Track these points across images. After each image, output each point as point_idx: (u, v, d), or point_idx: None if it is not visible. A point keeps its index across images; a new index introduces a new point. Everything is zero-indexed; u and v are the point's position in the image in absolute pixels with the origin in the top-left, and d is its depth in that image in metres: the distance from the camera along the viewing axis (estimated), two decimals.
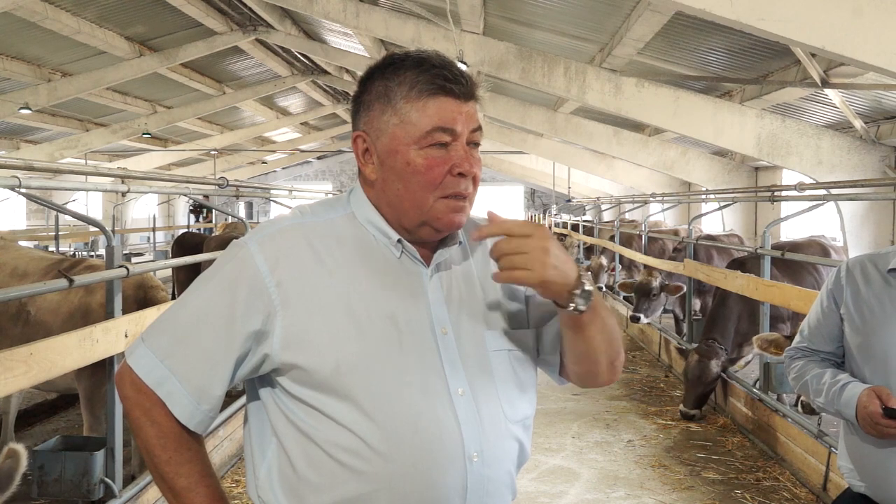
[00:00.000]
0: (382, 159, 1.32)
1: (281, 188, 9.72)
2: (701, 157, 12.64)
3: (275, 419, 1.32)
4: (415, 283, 1.33)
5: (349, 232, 1.35)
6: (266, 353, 1.28)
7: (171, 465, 1.31)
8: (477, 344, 1.35)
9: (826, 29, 4.84)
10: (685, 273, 7.86)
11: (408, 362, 1.28)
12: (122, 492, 3.77)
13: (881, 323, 2.01)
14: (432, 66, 1.30)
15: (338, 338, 1.27)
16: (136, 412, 1.31)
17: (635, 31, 7.82)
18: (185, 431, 1.31)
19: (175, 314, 1.33)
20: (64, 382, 4.34)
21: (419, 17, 9.69)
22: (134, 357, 1.32)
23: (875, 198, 6.41)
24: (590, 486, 4.69)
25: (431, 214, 1.30)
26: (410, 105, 1.29)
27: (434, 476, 1.27)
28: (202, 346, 1.29)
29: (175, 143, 23.50)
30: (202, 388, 1.29)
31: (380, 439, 1.25)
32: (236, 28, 13.35)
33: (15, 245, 6.00)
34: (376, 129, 1.32)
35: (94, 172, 5.91)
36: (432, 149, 1.29)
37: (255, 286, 1.28)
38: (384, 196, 1.34)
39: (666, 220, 15.04)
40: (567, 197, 21.68)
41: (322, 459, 1.27)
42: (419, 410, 1.27)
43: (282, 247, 1.30)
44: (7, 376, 2.80)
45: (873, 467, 1.97)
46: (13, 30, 11.17)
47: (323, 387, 1.26)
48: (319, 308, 1.27)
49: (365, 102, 1.34)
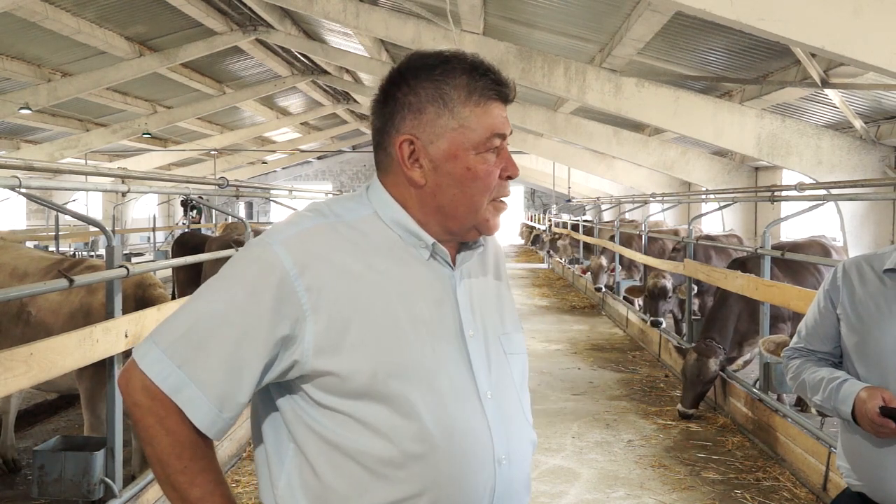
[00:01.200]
0: (437, 164, 1.29)
1: (281, 188, 9.72)
2: (701, 157, 12.65)
3: (294, 427, 1.28)
4: (445, 286, 1.32)
5: (375, 233, 1.30)
6: (295, 360, 1.23)
7: (186, 474, 1.25)
8: (497, 347, 1.35)
9: (826, 29, 4.84)
10: (685, 273, 7.87)
11: (441, 366, 1.27)
12: (122, 492, 3.77)
13: (877, 323, 2.01)
14: (487, 71, 1.30)
15: (374, 343, 1.23)
16: (149, 420, 1.24)
17: (635, 31, 7.82)
18: (201, 439, 1.25)
19: (191, 316, 1.25)
20: (65, 382, 4.34)
21: (419, 17, 9.70)
22: (147, 361, 1.24)
23: (875, 198, 6.41)
24: (590, 486, 4.69)
25: (482, 218, 1.31)
26: (469, 110, 1.28)
27: (467, 480, 1.26)
28: (224, 352, 1.22)
29: (175, 143, 23.51)
30: (225, 396, 1.23)
31: (416, 445, 1.23)
32: (236, 28, 13.36)
33: (15, 245, 6.01)
34: (430, 133, 1.29)
35: (94, 172, 5.91)
36: (488, 154, 1.29)
37: (284, 290, 1.22)
38: (433, 200, 1.30)
39: (666, 220, 15.04)
40: (567, 197, 21.70)
41: (350, 468, 1.24)
42: (454, 415, 1.25)
43: (310, 249, 1.25)
44: (7, 376, 2.80)
45: (871, 467, 1.98)
46: (13, 30, 11.18)
47: (357, 394, 1.23)
48: (354, 313, 1.23)
49: (412, 104, 1.29)
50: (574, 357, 8.60)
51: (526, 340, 1.50)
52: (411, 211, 1.31)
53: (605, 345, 9.44)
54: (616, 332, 10.45)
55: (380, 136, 1.33)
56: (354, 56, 14.90)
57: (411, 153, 1.29)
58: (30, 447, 4.84)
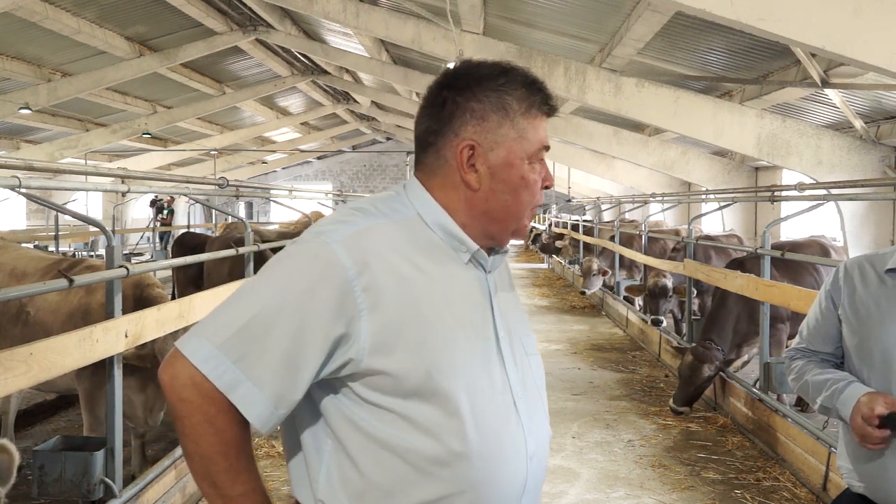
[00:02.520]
0: (494, 171, 1.34)
1: (281, 188, 9.72)
2: (701, 157, 12.65)
3: (335, 423, 1.29)
4: (481, 288, 1.37)
5: (420, 235, 1.33)
6: (350, 358, 1.25)
7: (231, 472, 1.25)
8: (520, 348, 1.41)
9: (826, 29, 4.84)
10: (685, 273, 7.86)
11: (482, 366, 1.31)
12: (122, 492, 3.77)
13: (878, 323, 2.01)
14: (541, 87, 1.37)
15: (426, 344, 1.26)
16: (197, 417, 1.22)
17: (635, 31, 7.82)
18: (246, 437, 1.26)
19: (247, 312, 1.23)
20: (64, 382, 4.34)
21: (419, 17, 9.70)
22: (200, 357, 1.21)
23: (875, 198, 6.41)
24: (590, 486, 4.69)
25: (522, 224, 1.38)
26: (527, 122, 1.35)
27: (505, 476, 1.31)
28: (282, 349, 1.22)
29: (175, 143, 23.51)
30: (282, 393, 1.23)
31: (461, 443, 1.26)
32: (236, 28, 13.36)
33: (14, 245, 6.01)
34: (491, 141, 1.33)
35: (94, 172, 5.91)
36: (536, 164, 1.37)
37: (342, 288, 1.23)
38: (484, 205, 1.35)
39: (666, 220, 15.04)
40: (567, 197, 21.69)
41: (395, 464, 1.25)
42: (494, 414, 1.30)
43: (367, 249, 1.26)
44: (7, 376, 2.80)
45: (872, 468, 1.97)
46: (13, 30, 11.18)
47: (408, 392, 1.25)
48: (407, 313, 1.25)
49: (475, 111, 1.33)
50: (574, 357, 8.60)
51: None
52: (456, 214, 1.35)
53: (605, 345, 9.44)
54: (616, 332, 10.45)
55: (433, 138, 1.36)
56: (354, 56, 14.90)
57: (469, 157, 1.33)
58: (30, 447, 4.83)
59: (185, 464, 4.35)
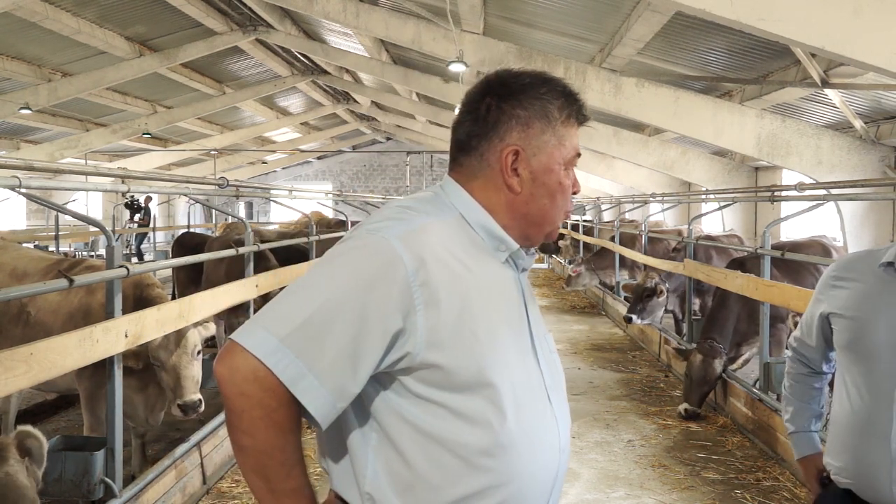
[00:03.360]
0: (535, 175, 1.40)
1: (281, 188, 9.71)
2: (701, 157, 12.64)
3: (382, 417, 1.31)
4: (517, 287, 1.43)
5: (464, 234, 1.39)
6: (408, 352, 1.27)
7: (286, 466, 1.26)
8: (545, 345, 1.47)
9: (826, 29, 4.84)
10: (685, 273, 7.86)
11: (521, 361, 1.37)
12: (122, 492, 3.77)
13: (870, 318, 2.00)
14: (578, 97, 1.45)
15: (478, 339, 1.30)
16: (257, 412, 1.22)
17: (635, 31, 7.82)
18: (299, 432, 1.28)
19: (309, 305, 1.25)
20: (64, 382, 4.34)
21: (419, 17, 9.70)
22: (264, 350, 1.22)
23: (875, 198, 6.41)
24: (590, 486, 4.69)
25: (555, 227, 1.45)
26: (566, 130, 1.42)
27: (540, 469, 1.36)
28: (343, 343, 1.24)
29: (175, 143, 23.50)
30: (342, 387, 1.25)
31: (506, 435, 1.30)
32: (236, 28, 13.35)
33: (15, 245, 6.01)
34: (534, 147, 1.40)
35: (94, 172, 5.90)
36: (570, 170, 1.45)
37: (401, 284, 1.26)
38: (524, 207, 1.41)
39: (666, 220, 15.04)
40: None
41: (444, 458, 1.29)
42: (535, 407, 1.37)
43: (424, 246, 1.30)
44: (7, 376, 2.80)
45: (860, 464, 1.96)
46: (13, 30, 11.18)
47: (460, 386, 1.29)
48: (460, 309, 1.29)
49: (521, 118, 1.39)
50: (574, 357, 8.60)
51: None
52: (497, 216, 1.41)
53: (605, 345, 9.44)
54: (616, 332, 10.45)
55: (476, 142, 1.42)
56: (354, 56, 14.89)
57: (513, 162, 1.40)
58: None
59: (185, 463, 4.36)
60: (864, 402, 1.97)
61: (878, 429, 1.92)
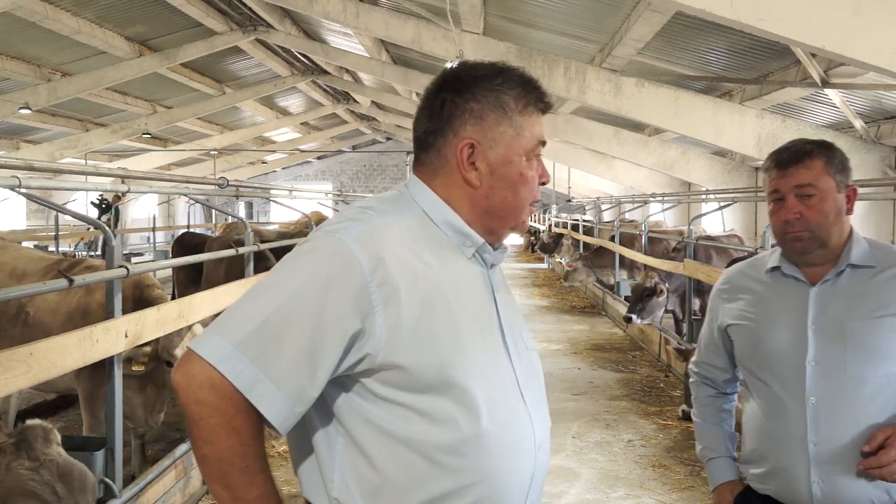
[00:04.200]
0: (494, 168, 1.37)
1: (281, 188, 9.71)
2: (701, 157, 12.64)
3: (347, 420, 1.29)
4: (485, 283, 1.40)
5: (428, 231, 1.36)
6: (367, 353, 1.25)
7: (247, 474, 1.24)
8: (521, 342, 1.43)
9: (826, 29, 4.84)
10: (685, 273, 7.86)
11: (491, 359, 1.34)
12: (122, 492, 3.77)
13: (768, 327, 1.97)
14: (537, 85, 1.40)
15: (440, 338, 1.27)
16: (214, 419, 1.20)
17: (635, 31, 7.82)
18: (261, 438, 1.25)
19: (263, 309, 1.23)
20: (63, 383, 4.34)
21: (419, 17, 9.70)
22: (218, 356, 1.20)
23: (875, 198, 6.42)
24: (590, 486, 4.69)
25: (521, 220, 1.41)
26: (524, 119, 1.38)
27: (513, 469, 1.33)
28: (300, 347, 1.22)
29: (175, 143, 23.50)
30: (300, 391, 1.23)
31: (475, 437, 1.28)
32: (236, 28, 13.36)
33: (14, 245, 6.01)
34: (490, 139, 1.36)
35: (94, 172, 5.92)
36: (533, 161, 1.40)
37: (358, 285, 1.24)
38: (485, 202, 1.38)
39: (666, 220, 15.04)
40: (567, 197, 21.68)
41: (410, 458, 1.26)
42: (505, 406, 1.33)
43: (381, 246, 1.27)
44: (7, 376, 2.80)
45: (779, 469, 1.93)
46: (13, 30, 11.17)
47: (423, 387, 1.26)
48: (421, 308, 1.27)
49: (475, 110, 1.36)
50: (574, 357, 8.60)
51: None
52: (460, 211, 1.38)
53: (605, 345, 9.44)
54: (616, 332, 10.44)
55: (433, 138, 1.39)
56: (354, 56, 14.90)
57: (470, 156, 1.37)
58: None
59: (185, 464, 4.36)
60: (776, 408, 1.94)
61: (794, 433, 1.89)
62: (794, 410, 1.90)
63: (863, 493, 1.84)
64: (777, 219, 1.93)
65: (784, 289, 1.99)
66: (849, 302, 1.91)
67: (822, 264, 1.95)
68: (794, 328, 1.93)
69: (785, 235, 1.92)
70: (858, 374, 1.86)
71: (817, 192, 1.89)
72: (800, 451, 1.89)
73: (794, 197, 1.90)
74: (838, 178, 1.92)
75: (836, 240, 1.93)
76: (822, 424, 1.86)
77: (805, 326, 1.92)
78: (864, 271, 1.93)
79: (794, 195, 1.90)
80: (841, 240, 1.94)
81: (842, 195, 1.92)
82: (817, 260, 1.95)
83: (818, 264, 1.95)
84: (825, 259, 1.94)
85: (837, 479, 1.85)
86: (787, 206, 1.90)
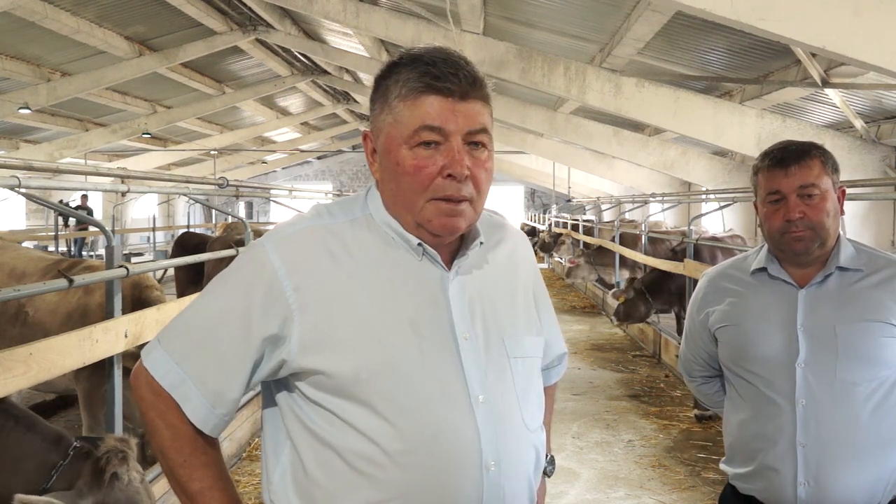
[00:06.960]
0: (381, 159, 1.31)
1: (281, 188, 9.72)
2: (701, 157, 12.63)
3: (290, 423, 1.29)
4: (436, 287, 1.29)
5: (368, 234, 1.30)
6: (283, 359, 1.25)
7: (186, 468, 1.30)
8: (498, 350, 1.32)
9: (826, 29, 4.84)
10: (685, 273, 7.86)
11: (428, 368, 1.24)
12: None
13: (756, 329, 1.95)
14: (423, 64, 1.24)
15: (358, 344, 1.23)
16: (152, 414, 1.30)
17: (635, 31, 7.82)
18: (200, 435, 1.30)
19: (191, 316, 1.31)
20: (63, 383, 4.34)
21: (419, 17, 9.69)
22: (150, 359, 1.31)
23: (875, 198, 6.41)
24: (590, 486, 4.69)
25: (423, 217, 1.26)
26: (402, 103, 1.25)
27: (449, 485, 1.23)
28: (218, 351, 1.27)
29: (175, 143, 23.49)
30: (218, 393, 1.27)
31: (397, 447, 1.21)
32: (236, 28, 13.35)
33: (14, 245, 6.00)
34: (376, 129, 1.30)
35: (94, 172, 5.91)
36: (420, 148, 1.24)
37: (272, 290, 1.24)
38: (384, 195, 1.32)
39: (666, 220, 15.03)
40: (567, 197, 21.68)
41: (338, 465, 1.23)
42: (439, 417, 1.23)
43: (300, 249, 1.27)
44: (7, 376, 2.79)
45: (765, 470, 1.92)
46: (13, 29, 11.17)
47: (342, 392, 1.23)
48: (339, 313, 1.24)
49: (372, 101, 1.32)
50: (574, 357, 8.59)
51: None
52: (391, 211, 1.32)
53: (605, 345, 9.44)
54: (616, 332, 10.44)
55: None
56: (354, 56, 14.89)
57: (372, 150, 1.34)
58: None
59: None
60: (764, 409, 1.92)
61: (783, 434, 1.88)
62: (783, 412, 1.89)
63: (849, 496, 1.84)
64: (776, 219, 1.91)
65: (771, 290, 1.98)
66: (838, 305, 1.90)
67: (812, 266, 1.95)
68: (784, 330, 1.92)
69: (785, 235, 1.90)
70: (849, 378, 1.85)
71: (819, 192, 1.88)
72: (788, 453, 1.88)
73: (796, 197, 1.89)
74: (834, 178, 1.92)
75: (832, 240, 1.93)
76: (812, 427, 1.86)
77: (794, 329, 1.91)
78: (851, 274, 1.93)
79: (796, 195, 1.89)
80: (833, 240, 1.94)
81: (836, 195, 1.92)
82: (812, 260, 1.94)
83: (810, 265, 1.95)
84: (817, 260, 1.94)
85: (824, 482, 1.84)
86: (789, 205, 1.88)
